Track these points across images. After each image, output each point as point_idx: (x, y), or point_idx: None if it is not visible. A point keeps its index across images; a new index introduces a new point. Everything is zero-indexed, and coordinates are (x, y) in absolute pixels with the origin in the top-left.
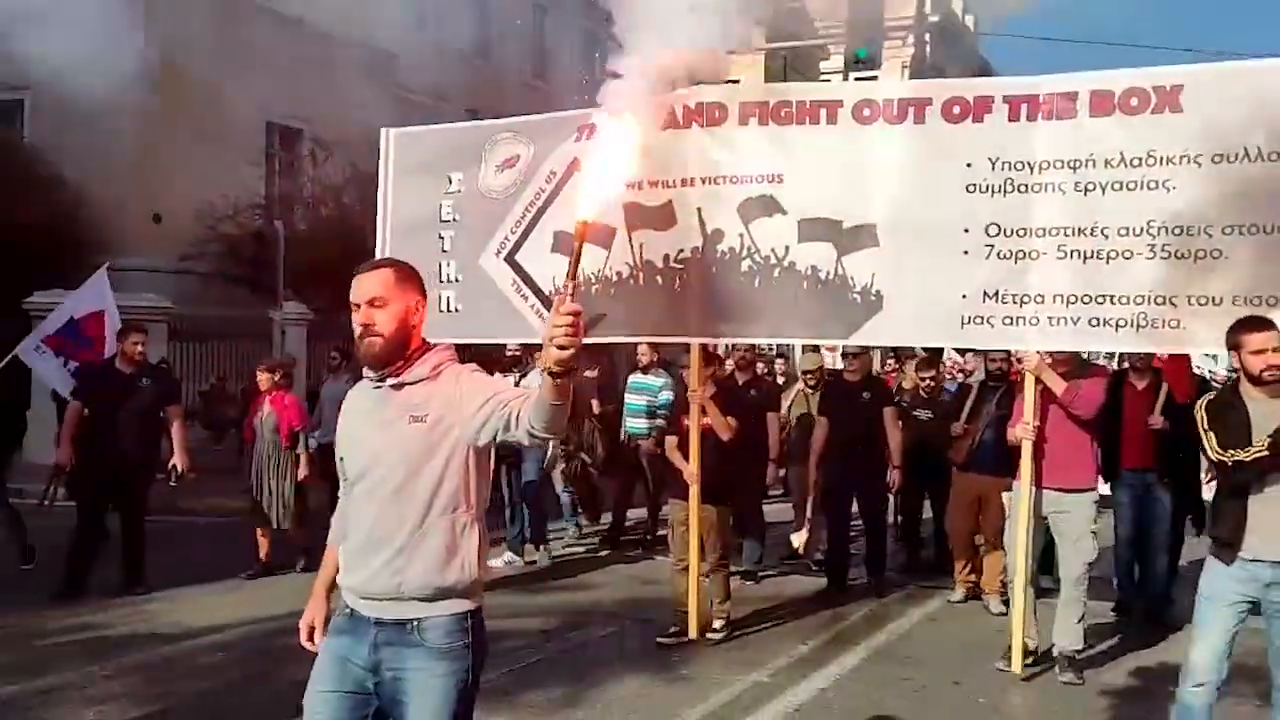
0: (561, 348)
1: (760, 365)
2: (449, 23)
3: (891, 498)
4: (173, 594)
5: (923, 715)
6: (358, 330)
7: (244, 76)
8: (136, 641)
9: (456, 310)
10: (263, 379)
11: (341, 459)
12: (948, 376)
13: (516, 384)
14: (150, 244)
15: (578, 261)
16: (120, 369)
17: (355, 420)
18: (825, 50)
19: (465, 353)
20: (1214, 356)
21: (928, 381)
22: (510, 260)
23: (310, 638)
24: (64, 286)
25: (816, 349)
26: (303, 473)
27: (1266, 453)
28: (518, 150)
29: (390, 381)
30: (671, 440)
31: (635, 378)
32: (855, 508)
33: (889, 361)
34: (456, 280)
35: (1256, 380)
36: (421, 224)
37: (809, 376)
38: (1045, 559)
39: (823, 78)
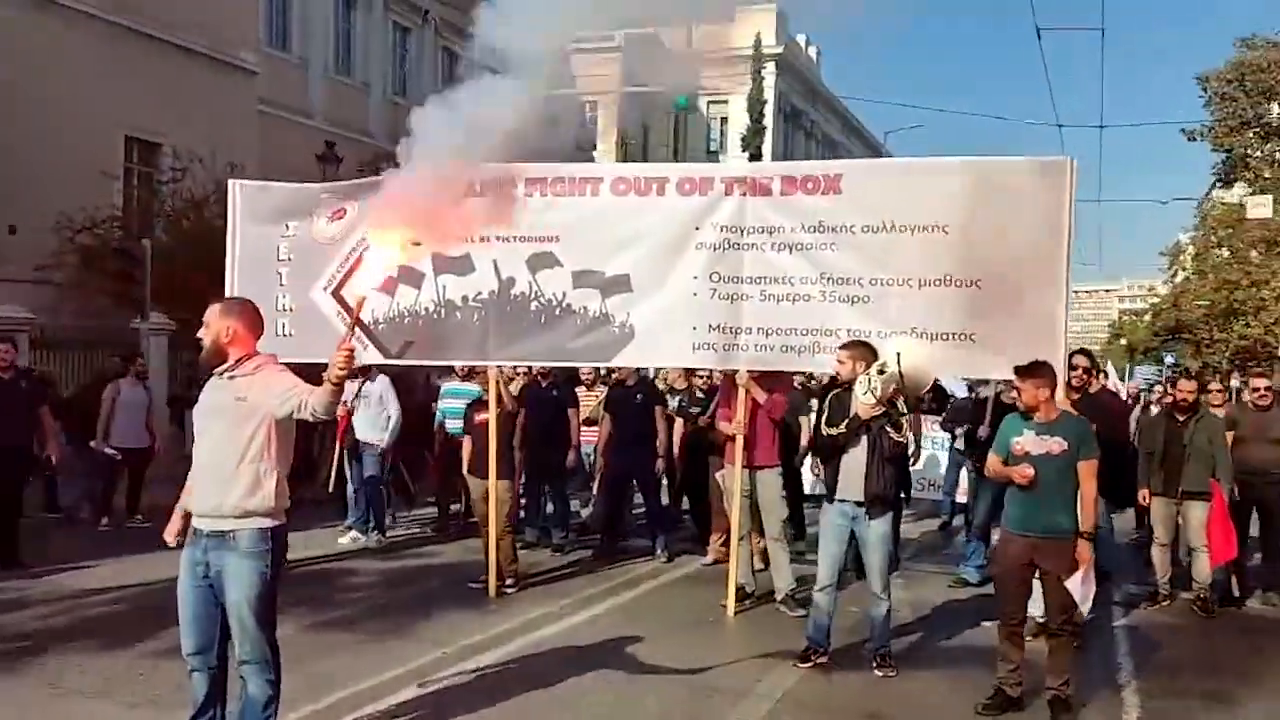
0: (340, 371)
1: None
2: (311, 41)
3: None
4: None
5: (660, 637)
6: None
7: (102, 91)
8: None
9: (290, 335)
10: None
11: (193, 422)
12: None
13: None
14: (4, 256)
15: (356, 321)
16: None
17: (204, 397)
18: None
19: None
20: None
21: (701, 382)
22: (335, 294)
23: (174, 537)
24: None
25: None
26: None
27: (844, 430)
28: (345, 205)
29: (227, 375)
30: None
31: (451, 384)
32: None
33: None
34: (290, 310)
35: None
36: (262, 262)
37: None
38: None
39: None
